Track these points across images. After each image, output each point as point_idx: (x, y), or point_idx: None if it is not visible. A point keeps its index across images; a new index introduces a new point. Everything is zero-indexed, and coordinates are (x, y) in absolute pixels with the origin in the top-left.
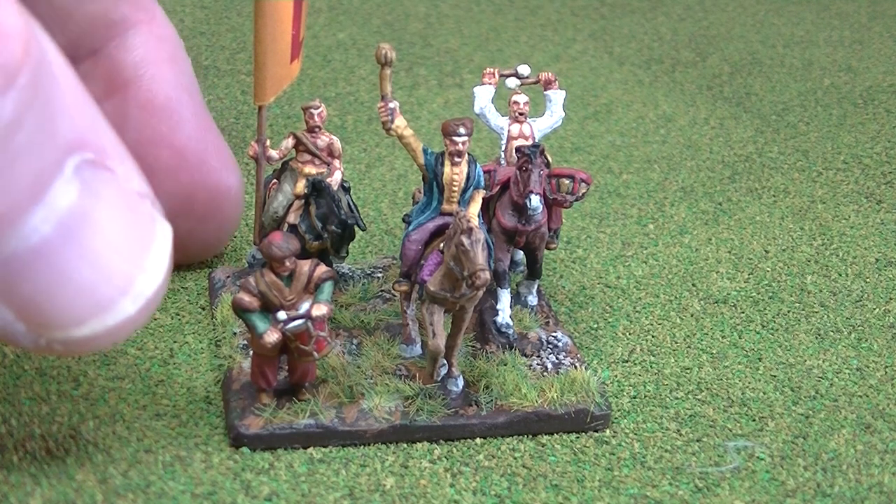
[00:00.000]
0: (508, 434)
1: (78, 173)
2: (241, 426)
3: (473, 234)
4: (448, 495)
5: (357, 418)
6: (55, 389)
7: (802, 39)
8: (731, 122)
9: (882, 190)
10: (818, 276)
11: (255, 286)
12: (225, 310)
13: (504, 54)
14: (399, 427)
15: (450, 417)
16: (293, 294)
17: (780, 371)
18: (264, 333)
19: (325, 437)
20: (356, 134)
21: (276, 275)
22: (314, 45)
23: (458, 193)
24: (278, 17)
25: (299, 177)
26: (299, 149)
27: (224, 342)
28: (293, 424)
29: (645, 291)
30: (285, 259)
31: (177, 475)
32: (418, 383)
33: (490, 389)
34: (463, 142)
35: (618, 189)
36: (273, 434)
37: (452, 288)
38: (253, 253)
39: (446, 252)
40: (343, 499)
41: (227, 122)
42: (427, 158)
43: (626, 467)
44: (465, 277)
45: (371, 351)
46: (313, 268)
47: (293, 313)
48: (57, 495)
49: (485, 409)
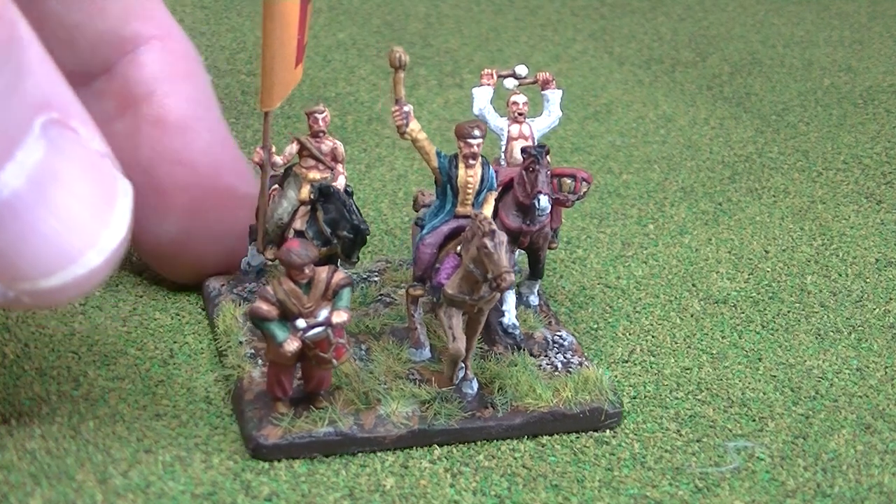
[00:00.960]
0: (525, 435)
1: (45, 132)
2: (259, 437)
3: (496, 236)
4: (448, 495)
5: (375, 424)
6: (55, 389)
7: (802, 39)
8: (731, 122)
9: (882, 190)
10: (818, 277)
11: (272, 294)
12: (227, 319)
13: (504, 54)
14: (418, 432)
15: (467, 420)
16: (311, 301)
17: (780, 371)
18: (284, 342)
19: (345, 445)
20: (356, 134)
21: (295, 282)
22: (314, 45)
23: (472, 196)
24: (286, 21)
25: (303, 182)
26: (303, 154)
27: (229, 351)
28: (312, 433)
29: (645, 292)
30: (304, 266)
31: (177, 475)
32: (434, 387)
33: (504, 391)
34: (478, 144)
35: (618, 189)
36: (293, 443)
37: (471, 290)
38: (248, 260)
39: (465, 255)
40: (343, 499)
41: (226, 122)
42: (441, 161)
43: (626, 467)
44: (488, 280)
45: (381, 356)
46: (331, 274)
47: (312, 321)
48: (57, 495)
49: (501, 410)
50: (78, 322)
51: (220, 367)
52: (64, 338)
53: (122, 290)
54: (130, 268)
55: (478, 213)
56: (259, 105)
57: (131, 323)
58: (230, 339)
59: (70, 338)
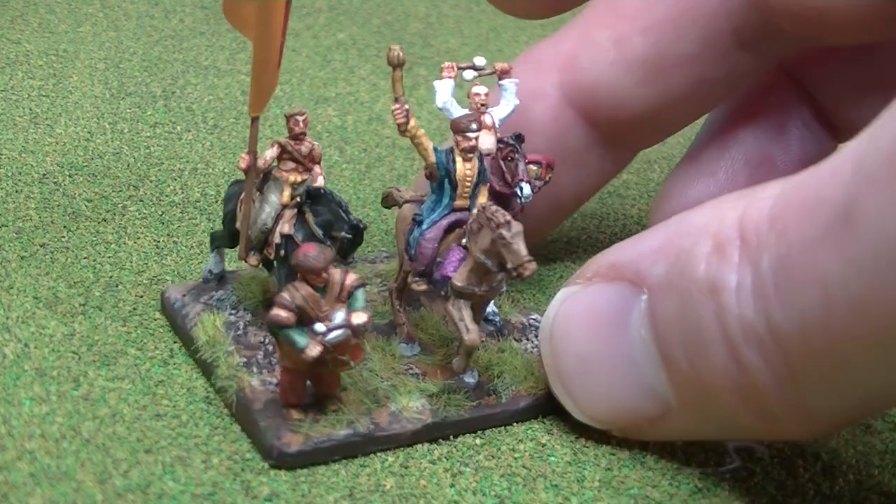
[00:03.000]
0: (530, 417)
1: None
2: (282, 445)
3: (513, 226)
4: (448, 495)
5: (390, 422)
6: (55, 389)
7: None
8: None
9: None
10: None
11: (290, 301)
12: (209, 329)
13: (504, 54)
14: (432, 425)
15: (475, 409)
16: (328, 304)
17: None
18: (307, 348)
19: (365, 445)
20: (356, 134)
21: (312, 287)
22: (314, 45)
23: (471, 188)
24: (275, 23)
25: (285, 185)
26: (283, 157)
27: (220, 362)
28: (332, 436)
29: None
30: (323, 270)
31: (177, 475)
32: (439, 380)
33: (503, 377)
34: (476, 137)
35: (618, 189)
36: (316, 448)
37: (479, 282)
38: (210, 268)
39: (473, 247)
40: (343, 499)
41: (227, 122)
42: (438, 156)
43: (626, 467)
44: (507, 270)
45: (374, 354)
46: (343, 276)
47: (329, 324)
48: (57, 495)
49: (504, 397)
50: (78, 322)
51: (201, 377)
52: (64, 338)
53: (122, 290)
54: (130, 267)
55: (487, 205)
56: (249, 110)
57: (131, 323)
58: (216, 349)
59: (70, 338)
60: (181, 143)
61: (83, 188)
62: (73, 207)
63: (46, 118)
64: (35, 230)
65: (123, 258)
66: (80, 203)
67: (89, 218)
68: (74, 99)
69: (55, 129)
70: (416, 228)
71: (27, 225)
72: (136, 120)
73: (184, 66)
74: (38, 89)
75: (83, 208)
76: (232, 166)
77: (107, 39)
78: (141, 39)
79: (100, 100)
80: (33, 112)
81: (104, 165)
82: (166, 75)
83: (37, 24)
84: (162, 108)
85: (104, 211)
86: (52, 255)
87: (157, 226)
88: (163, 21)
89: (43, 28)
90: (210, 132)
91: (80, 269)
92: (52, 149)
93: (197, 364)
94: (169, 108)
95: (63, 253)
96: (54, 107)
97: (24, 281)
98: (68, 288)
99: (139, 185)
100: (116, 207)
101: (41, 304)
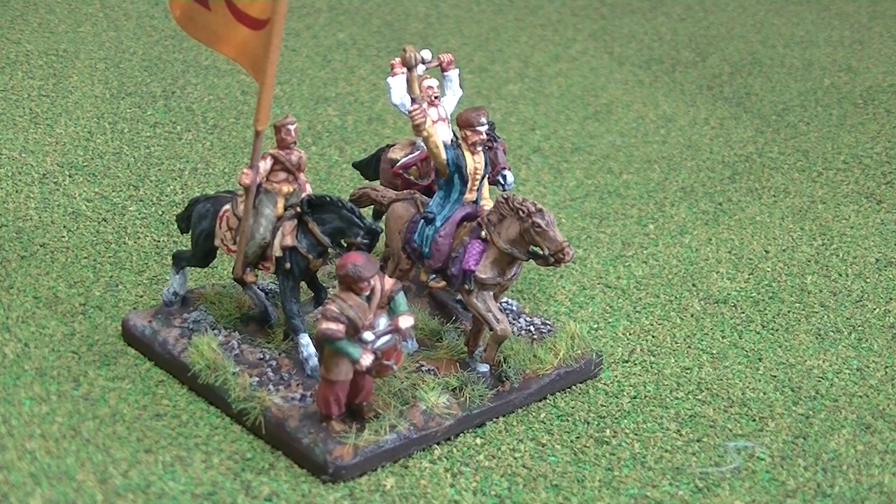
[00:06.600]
0: (539, 399)
1: None
2: (336, 459)
3: (545, 213)
4: (448, 495)
5: (426, 420)
6: (55, 389)
7: (802, 39)
8: (731, 122)
9: (882, 190)
10: (818, 276)
11: (339, 313)
12: (206, 353)
13: (504, 54)
14: (463, 418)
15: (497, 397)
16: (372, 312)
17: (780, 371)
18: (361, 358)
19: (408, 447)
20: (356, 134)
21: (359, 296)
22: (314, 45)
23: (479, 182)
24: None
25: (277, 197)
26: (274, 168)
27: (229, 386)
28: (379, 443)
29: (645, 291)
30: (372, 278)
31: (177, 475)
32: (455, 374)
33: (508, 362)
34: (485, 130)
35: (618, 189)
36: (368, 458)
37: (502, 272)
38: (174, 290)
39: (496, 238)
40: (343, 499)
41: (227, 122)
42: (448, 153)
43: (626, 467)
44: (544, 256)
45: None
46: (382, 282)
47: (376, 332)
48: (57, 495)
49: (514, 381)
50: (78, 322)
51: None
52: (64, 338)
53: (122, 290)
54: (130, 267)
55: (513, 196)
56: (255, 123)
57: None
58: (220, 373)
59: (70, 338)
60: (181, 143)
61: (83, 188)
62: (73, 207)
63: (46, 118)
64: (35, 230)
65: (123, 258)
66: (80, 203)
67: (89, 218)
68: (74, 99)
69: (55, 128)
70: (427, 227)
71: (27, 225)
72: (136, 120)
73: (184, 66)
74: (38, 89)
75: (83, 208)
76: (232, 166)
77: (107, 39)
78: (141, 39)
79: (100, 100)
80: (33, 112)
81: (104, 165)
82: (166, 75)
83: (37, 24)
84: (162, 108)
85: (104, 211)
86: (52, 255)
87: (157, 226)
88: (163, 21)
89: (43, 28)
90: (210, 132)
91: (80, 269)
92: (52, 149)
93: (196, 391)
94: (169, 108)
95: (63, 253)
96: (54, 107)
97: (24, 281)
98: (68, 288)
99: (139, 185)
100: (116, 207)
101: (41, 304)
